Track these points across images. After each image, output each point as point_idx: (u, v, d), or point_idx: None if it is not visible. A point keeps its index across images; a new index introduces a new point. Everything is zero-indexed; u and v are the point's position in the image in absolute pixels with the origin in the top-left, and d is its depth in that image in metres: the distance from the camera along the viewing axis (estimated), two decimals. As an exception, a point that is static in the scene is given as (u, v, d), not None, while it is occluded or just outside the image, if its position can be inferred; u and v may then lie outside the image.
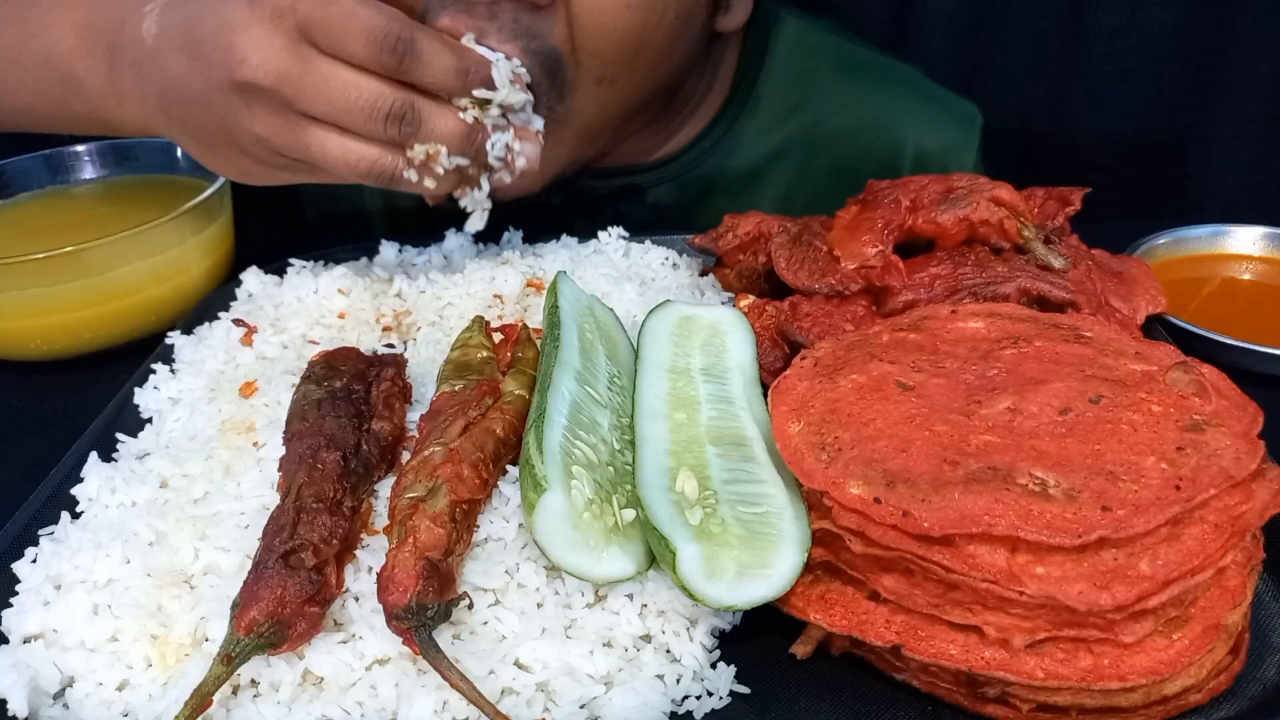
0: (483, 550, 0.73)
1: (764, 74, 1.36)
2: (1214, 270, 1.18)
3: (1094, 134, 1.69)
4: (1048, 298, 0.91)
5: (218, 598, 0.71)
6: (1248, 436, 0.66)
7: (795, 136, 1.38)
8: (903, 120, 1.39)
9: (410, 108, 0.91)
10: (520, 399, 0.84)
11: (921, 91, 1.43)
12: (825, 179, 1.38)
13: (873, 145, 1.38)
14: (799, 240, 1.02)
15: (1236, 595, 0.64)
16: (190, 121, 0.95)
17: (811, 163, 1.39)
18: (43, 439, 1.01)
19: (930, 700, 0.67)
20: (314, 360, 0.89)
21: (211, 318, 1.08)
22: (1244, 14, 1.57)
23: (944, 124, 1.41)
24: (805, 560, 0.68)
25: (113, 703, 0.67)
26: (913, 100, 1.42)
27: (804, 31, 1.39)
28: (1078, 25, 1.62)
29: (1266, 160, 1.67)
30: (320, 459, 0.75)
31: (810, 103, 1.38)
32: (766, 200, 1.39)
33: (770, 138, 1.38)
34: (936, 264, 0.95)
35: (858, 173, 1.34)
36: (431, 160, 0.94)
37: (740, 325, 0.92)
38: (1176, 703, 0.63)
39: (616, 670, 0.67)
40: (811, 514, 0.70)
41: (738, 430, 0.79)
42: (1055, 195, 1.05)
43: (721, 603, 0.65)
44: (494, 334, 0.97)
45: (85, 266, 1.05)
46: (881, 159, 1.37)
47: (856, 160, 1.37)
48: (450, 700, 0.65)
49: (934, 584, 0.63)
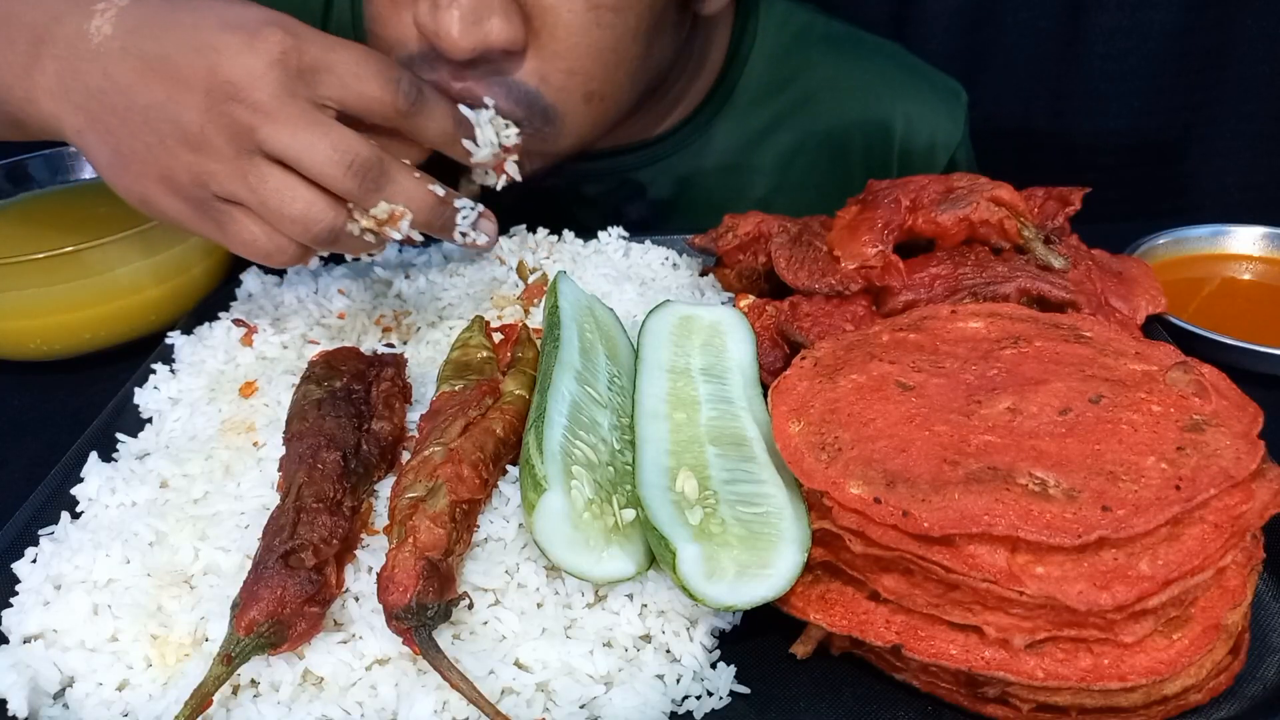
0: (483, 550, 0.73)
1: (754, 52, 1.37)
2: (1214, 270, 1.18)
3: (1094, 134, 1.69)
4: (1048, 298, 0.91)
5: (218, 598, 0.71)
6: (1248, 436, 0.66)
7: (787, 111, 1.39)
8: (891, 92, 1.41)
9: (379, 163, 0.88)
10: (520, 399, 0.84)
11: (907, 65, 1.45)
12: (818, 152, 1.40)
13: (863, 117, 1.39)
14: (799, 240, 1.02)
15: (1236, 595, 0.64)
16: (118, 133, 0.89)
17: (804, 137, 1.40)
18: (43, 439, 1.01)
19: (930, 700, 0.67)
20: (314, 360, 0.89)
21: (211, 318, 1.08)
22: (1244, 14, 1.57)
23: (931, 97, 1.43)
24: (805, 560, 0.68)
25: (113, 703, 0.67)
26: (900, 73, 1.43)
27: (790, 11, 1.42)
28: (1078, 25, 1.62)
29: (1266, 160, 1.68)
30: (320, 459, 0.75)
31: (800, 78, 1.39)
32: (762, 176, 1.41)
33: (762, 113, 1.39)
34: (936, 264, 0.95)
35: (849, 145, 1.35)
36: (392, 222, 0.91)
37: (740, 325, 0.92)
38: (1176, 703, 0.63)
39: (616, 670, 0.67)
40: (811, 514, 0.70)
41: (738, 430, 0.79)
42: (1055, 195, 1.05)
43: (721, 603, 0.65)
44: (494, 334, 0.97)
45: (85, 266, 1.05)
46: (872, 131, 1.39)
47: (847, 132, 1.39)
48: (450, 700, 0.65)
49: (934, 584, 0.63)
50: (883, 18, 1.74)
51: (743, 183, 1.41)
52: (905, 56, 1.46)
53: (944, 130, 1.41)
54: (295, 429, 0.80)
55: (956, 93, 1.44)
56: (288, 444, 0.79)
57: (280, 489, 0.77)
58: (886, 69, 1.43)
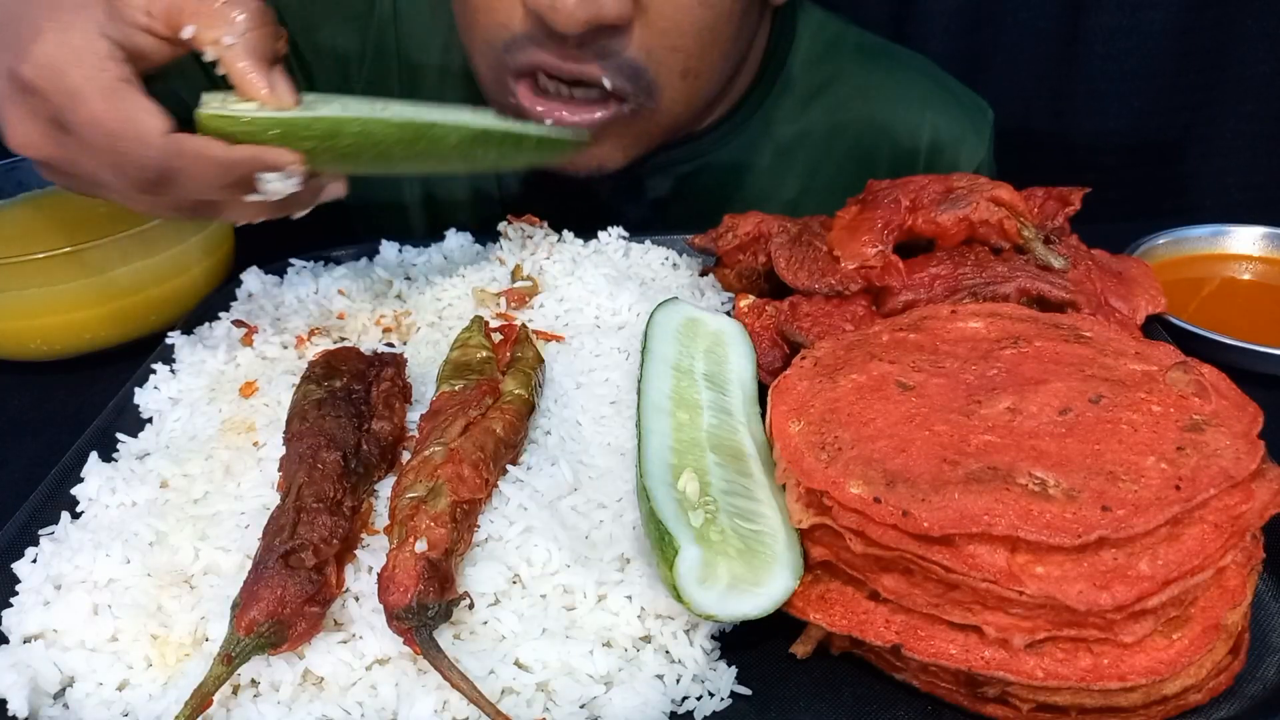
0: (483, 550, 0.73)
1: (792, 56, 1.41)
2: (1214, 270, 1.18)
3: (1094, 134, 1.69)
4: (1048, 298, 0.91)
5: (218, 598, 0.70)
6: (1248, 436, 0.66)
7: (819, 117, 1.42)
8: (920, 105, 1.42)
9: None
10: (520, 399, 0.84)
11: (937, 80, 1.47)
12: (846, 160, 1.41)
13: (892, 128, 1.41)
14: (799, 240, 1.02)
15: (1236, 595, 0.64)
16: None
17: (834, 143, 1.42)
18: (43, 439, 1.01)
19: (930, 700, 0.67)
20: (314, 360, 0.89)
21: (212, 318, 1.08)
22: (1244, 14, 1.57)
23: (959, 113, 1.44)
24: (796, 586, 0.68)
25: (113, 703, 0.67)
26: (930, 87, 1.45)
27: (825, 19, 1.45)
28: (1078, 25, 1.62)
29: (1266, 160, 1.67)
30: (320, 459, 0.75)
31: (833, 86, 1.42)
32: (792, 178, 1.43)
33: (796, 117, 1.42)
34: (936, 264, 0.95)
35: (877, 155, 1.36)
36: None
37: (742, 339, 0.92)
38: (1176, 703, 0.63)
39: (616, 670, 0.67)
40: (810, 512, 0.70)
41: (736, 444, 0.79)
42: (1055, 195, 1.05)
43: (706, 611, 0.65)
44: (493, 334, 0.97)
45: (85, 266, 1.05)
46: (899, 143, 1.41)
47: (875, 144, 1.41)
48: (450, 700, 0.65)
49: (934, 584, 0.63)
50: (883, 18, 1.74)
51: (773, 185, 1.43)
52: (935, 71, 1.48)
53: (969, 146, 1.42)
54: (295, 429, 0.80)
55: (984, 110, 1.46)
56: (288, 444, 0.79)
57: (280, 489, 0.77)
58: (917, 82, 1.45)
